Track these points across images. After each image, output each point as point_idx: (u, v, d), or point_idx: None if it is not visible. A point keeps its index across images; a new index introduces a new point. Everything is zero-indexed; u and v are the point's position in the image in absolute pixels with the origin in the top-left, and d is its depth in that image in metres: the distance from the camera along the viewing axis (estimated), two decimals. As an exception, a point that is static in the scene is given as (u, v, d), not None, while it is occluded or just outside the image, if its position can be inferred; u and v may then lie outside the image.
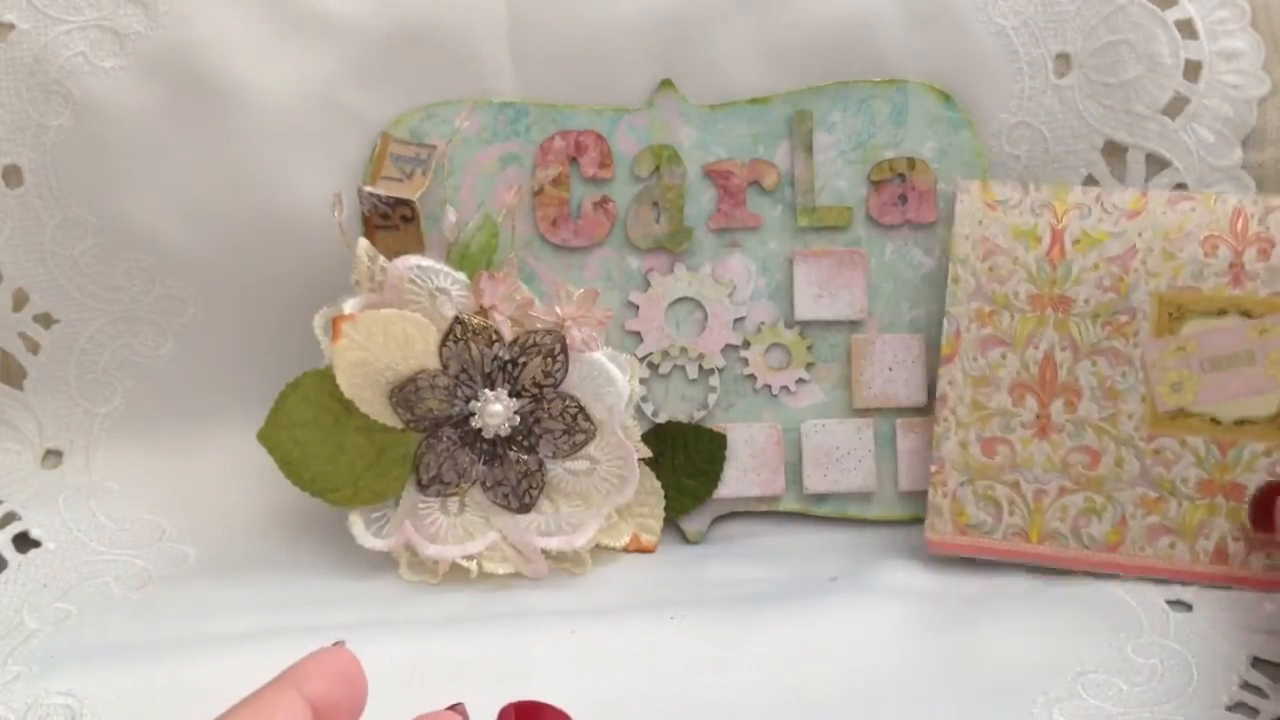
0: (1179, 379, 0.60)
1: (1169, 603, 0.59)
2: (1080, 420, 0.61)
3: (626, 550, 0.65)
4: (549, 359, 0.61)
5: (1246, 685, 0.53)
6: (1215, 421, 0.61)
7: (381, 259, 0.61)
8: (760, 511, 0.68)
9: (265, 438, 0.62)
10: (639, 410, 0.67)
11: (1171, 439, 0.61)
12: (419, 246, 0.63)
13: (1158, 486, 0.61)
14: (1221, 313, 0.61)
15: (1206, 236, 0.61)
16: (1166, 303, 0.61)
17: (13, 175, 0.65)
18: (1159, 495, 0.61)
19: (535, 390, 0.62)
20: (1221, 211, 0.62)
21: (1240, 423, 0.61)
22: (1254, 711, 0.52)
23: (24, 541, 0.64)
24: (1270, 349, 0.60)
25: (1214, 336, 0.60)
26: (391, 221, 0.63)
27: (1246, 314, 0.61)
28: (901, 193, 0.67)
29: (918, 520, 0.67)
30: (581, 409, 0.62)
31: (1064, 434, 0.61)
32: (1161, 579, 0.60)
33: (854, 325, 0.68)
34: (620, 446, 0.63)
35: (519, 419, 0.62)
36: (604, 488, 0.63)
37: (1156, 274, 0.61)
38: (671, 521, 0.67)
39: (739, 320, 0.67)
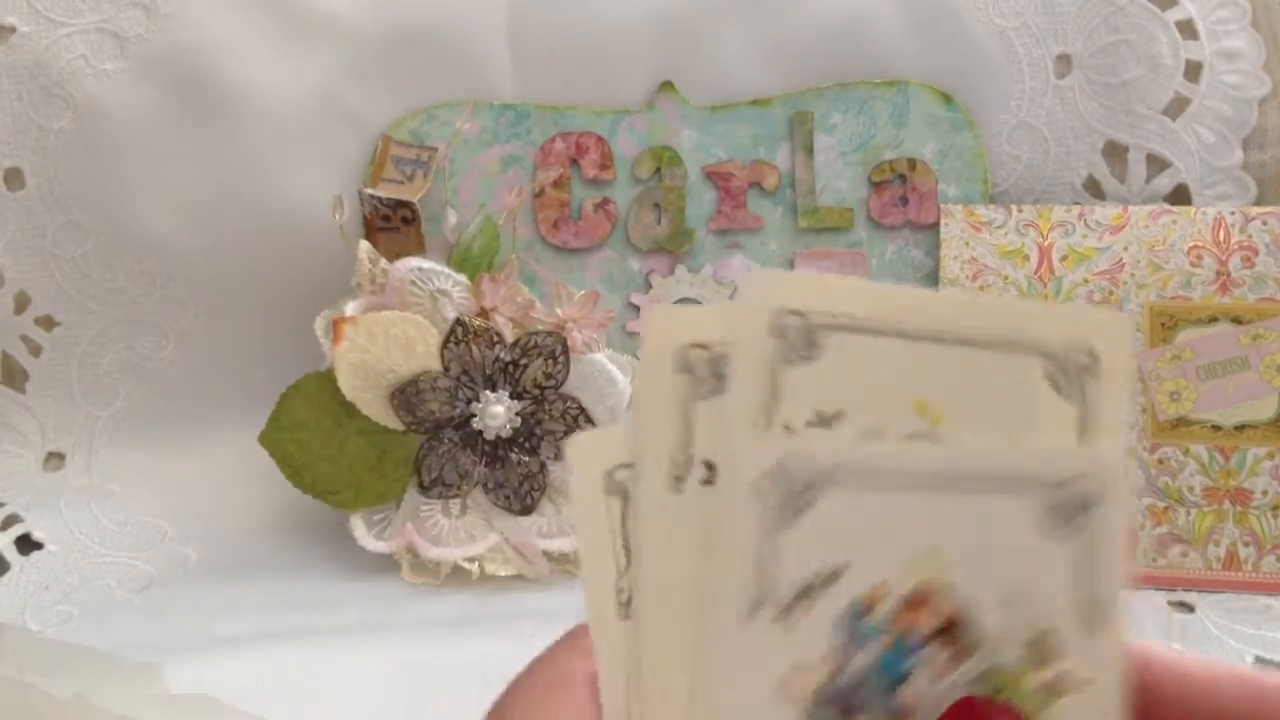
0: (1176, 388, 0.60)
1: (1171, 604, 0.59)
2: None
3: (628, 552, 0.65)
4: (550, 361, 0.61)
5: (1248, 686, 0.53)
6: (1216, 428, 0.61)
7: (383, 261, 0.61)
8: (761, 513, 0.68)
9: (267, 440, 0.62)
10: (640, 412, 0.66)
11: (1174, 448, 0.61)
12: (420, 248, 0.63)
13: (1165, 496, 0.61)
14: (1212, 320, 0.61)
15: (1191, 247, 0.62)
16: (1158, 313, 0.61)
17: (14, 178, 0.65)
18: (1167, 505, 0.61)
19: (537, 392, 0.62)
20: (1203, 222, 0.62)
21: (1240, 428, 0.61)
22: (1255, 712, 0.52)
23: (26, 544, 0.64)
24: (1264, 354, 0.60)
25: (1207, 344, 0.61)
26: (392, 223, 0.63)
27: (1237, 320, 0.61)
28: (902, 194, 0.67)
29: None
30: (583, 410, 0.62)
31: None
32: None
33: (855, 326, 0.67)
34: (621, 448, 0.63)
35: (520, 421, 0.62)
36: (605, 489, 0.63)
37: (1145, 285, 0.62)
38: (673, 523, 0.67)
39: (740, 321, 0.67)
